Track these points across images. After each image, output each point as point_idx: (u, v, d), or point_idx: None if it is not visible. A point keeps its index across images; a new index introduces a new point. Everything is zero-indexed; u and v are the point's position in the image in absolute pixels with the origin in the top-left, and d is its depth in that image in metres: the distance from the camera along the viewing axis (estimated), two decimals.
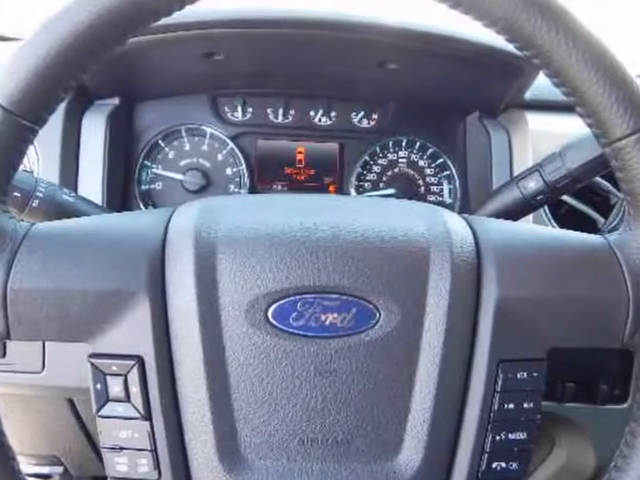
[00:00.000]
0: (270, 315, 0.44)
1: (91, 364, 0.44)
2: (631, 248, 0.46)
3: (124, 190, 0.85)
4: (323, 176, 0.90)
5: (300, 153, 0.89)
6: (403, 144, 0.90)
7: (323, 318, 0.44)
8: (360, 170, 0.90)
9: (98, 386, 0.44)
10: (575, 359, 0.55)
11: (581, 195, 0.78)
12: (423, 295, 0.44)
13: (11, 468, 0.43)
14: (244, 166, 0.88)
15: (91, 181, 0.77)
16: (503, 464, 0.46)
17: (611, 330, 0.46)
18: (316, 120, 0.89)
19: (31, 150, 0.74)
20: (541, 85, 0.77)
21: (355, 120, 0.90)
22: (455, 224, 0.48)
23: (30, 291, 0.42)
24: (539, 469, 0.80)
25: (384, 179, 0.90)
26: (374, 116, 0.90)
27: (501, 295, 0.45)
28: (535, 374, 0.46)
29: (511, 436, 0.46)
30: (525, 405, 0.46)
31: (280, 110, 0.89)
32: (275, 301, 0.44)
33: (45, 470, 0.79)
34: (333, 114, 0.89)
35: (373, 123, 0.90)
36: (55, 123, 0.74)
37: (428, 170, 0.90)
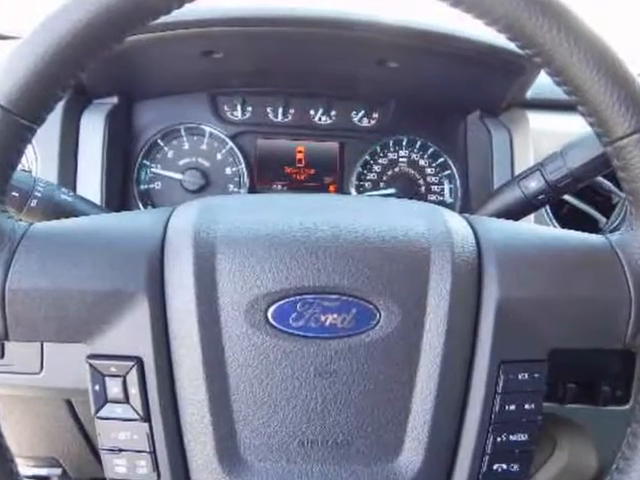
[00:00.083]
0: (270, 316, 0.44)
1: (90, 365, 0.44)
2: (633, 248, 0.46)
3: (123, 190, 0.85)
4: (323, 176, 0.90)
5: (300, 152, 0.89)
6: (404, 143, 0.90)
7: (323, 319, 0.44)
8: (360, 169, 0.89)
9: (97, 387, 0.44)
10: (577, 360, 0.54)
11: (583, 195, 0.77)
12: (424, 295, 0.44)
13: (9, 470, 0.43)
14: (243, 165, 0.88)
15: (90, 181, 0.77)
16: (504, 466, 0.46)
17: (613, 331, 0.46)
18: (316, 119, 0.89)
19: (29, 149, 0.74)
20: (542, 84, 0.77)
21: (355, 119, 0.90)
22: (456, 224, 0.48)
23: (28, 291, 0.41)
24: (540, 471, 0.80)
25: (384, 178, 0.90)
26: (374, 115, 0.90)
27: (502, 295, 0.45)
28: (536, 375, 0.45)
29: (512, 437, 0.46)
30: (526, 406, 0.46)
31: (280, 109, 0.88)
32: (275, 301, 0.43)
33: (43, 472, 0.79)
34: (333, 113, 0.89)
35: (373, 122, 0.90)
36: (53, 122, 0.74)
37: (429, 169, 0.90)
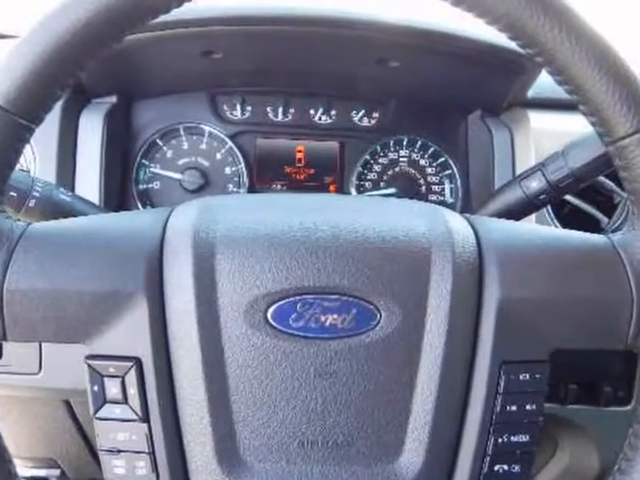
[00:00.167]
0: (269, 316, 0.43)
1: (88, 366, 0.44)
2: (635, 248, 0.46)
3: (122, 189, 0.85)
4: (323, 175, 0.90)
5: (300, 152, 0.89)
6: (404, 143, 0.90)
7: (323, 319, 0.43)
8: (361, 169, 0.89)
9: (95, 388, 0.44)
10: (578, 360, 0.54)
11: (584, 194, 0.77)
12: (424, 296, 0.44)
13: (7, 471, 0.43)
14: (243, 165, 0.87)
15: (88, 180, 0.77)
16: (505, 467, 0.46)
17: (615, 331, 0.46)
18: (316, 119, 0.89)
19: (28, 149, 0.73)
20: (544, 83, 0.77)
21: (355, 119, 0.89)
22: (457, 224, 0.48)
23: (26, 292, 0.41)
24: (542, 472, 0.80)
25: (385, 178, 0.90)
26: (375, 114, 0.89)
27: (503, 296, 0.45)
28: (538, 376, 0.45)
29: (513, 438, 0.46)
30: (528, 407, 0.45)
31: (280, 108, 0.88)
32: (274, 302, 0.43)
33: (42, 473, 0.79)
34: (333, 112, 0.89)
35: (374, 122, 0.90)
36: (52, 122, 0.73)
37: (429, 169, 0.90)
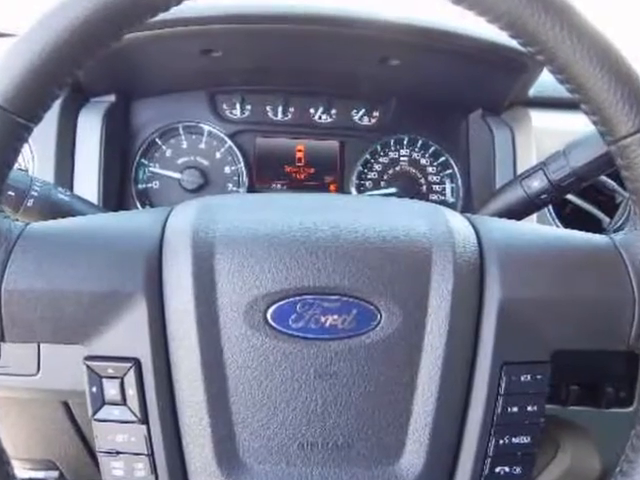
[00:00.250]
0: (269, 316, 0.43)
1: (87, 366, 0.43)
2: (637, 248, 0.46)
3: (120, 189, 0.85)
4: (323, 175, 0.89)
5: (300, 151, 0.89)
6: (405, 142, 0.89)
7: (323, 320, 0.43)
8: (361, 169, 0.89)
9: (94, 389, 0.44)
10: (580, 361, 0.54)
11: (586, 194, 0.77)
12: (425, 296, 0.44)
13: (6, 473, 0.43)
14: (243, 164, 0.87)
15: (87, 180, 0.76)
16: (506, 468, 0.46)
17: (616, 332, 0.45)
18: (316, 118, 0.89)
19: (26, 148, 0.73)
20: (545, 82, 0.77)
21: (356, 118, 0.89)
22: (457, 224, 0.48)
23: (24, 292, 0.41)
24: (543, 473, 0.79)
25: (385, 178, 0.89)
26: (375, 114, 0.89)
27: (504, 296, 0.44)
28: (539, 377, 0.45)
29: (515, 440, 0.46)
30: (529, 408, 0.45)
31: (279, 107, 0.88)
32: (274, 302, 0.43)
33: (40, 475, 0.78)
34: (333, 111, 0.89)
35: (374, 121, 0.89)
36: (50, 121, 0.73)
37: (430, 169, 0.90)
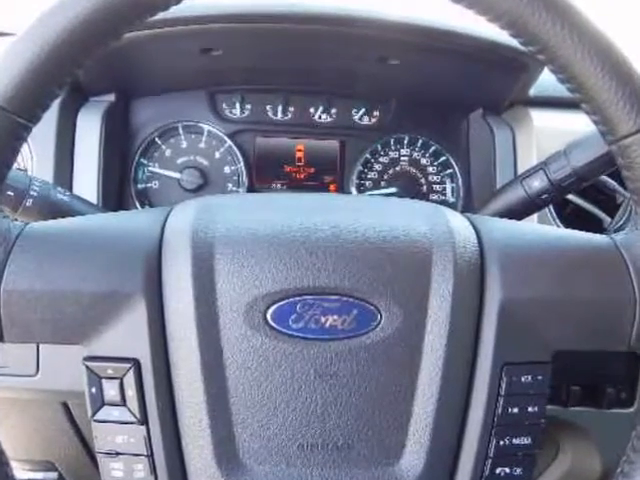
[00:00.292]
0: (269, 317, 0.43)
1: (86, 367, 0.43)
2: (638, 248, 0.46)
3: (120, 189, 0.84)
4: (323, 174, 0.89)
5: (300, 151, 0.89)
6: (405, 142, 0.89)
7: (323, 320, 0.43)
8: (361, 168, 0.89)
9: (93, 390, 0.43)
10: (580, 362, 0.54)
11: (587, 194, 0.77)
12: (425, 296, 0.44)
13: (5, 474, 0.42)
14: (242, 164, 0.87)
15: (86, 180, 0.76)
16: (507, 469, 0.46)
17: (617, 332, 0.45)
18: (316, 117, 0.89)
19: (25, 148, 0.73)
20: (546, 81, 0.77)
21: (356, 117, 0.89)
22: (458, 224, 0.47)
23: (24, 292, 0.41)
24: (544, 474, 0.79)
25: (385, 177, 0.89)
26: (375, 113, 0.89)
27: (505, 296, 0.44)
28: (540, 377, 0.45)
29: (515, 441, 0.45)
30: (529, 409, 0.45)
31: (279, 107, 0.88)
32: (274, 302, 0.43)
33: (39, 476, 0.78)
34: (333, 111, 0.89)
35: (374, 120, 0.89)
36: (49, 120, 0.73)
37: (430, 168, 0.90)
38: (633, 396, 0.69)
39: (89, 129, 0.77)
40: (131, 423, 0.43)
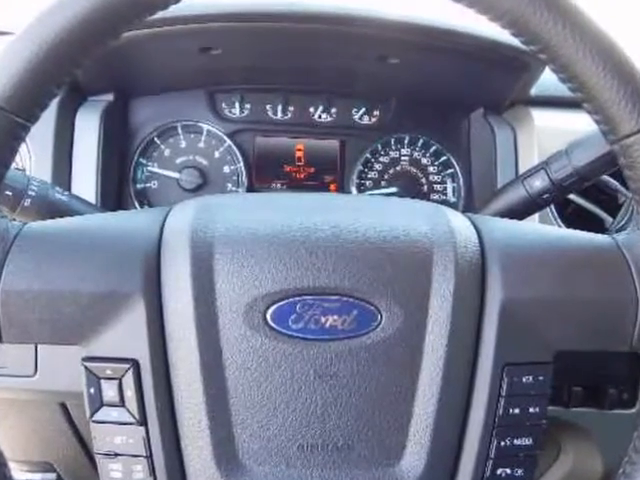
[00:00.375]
0: (269, 317, 0.43)
1: (85, 368, 0.43)
2: None
3: (119, 189, 0.84)
4: (323, 174, 0.89)
5: (299, 150, 0.88)
6: (405, 141, 0.89)
7: (323, 320, 0.43)
8: (361, 168, 0.89)
9: (92, 390, 0.43)
10: (582, 362, 0.54)
11: (588, 194, 0.77)
12: (426, 296, 0.44)
13: (3, 475, 0.42)
14: (242, 164, 0.87)
15: (85, 179, 0.76)
16: (508, 470, 0.46)
17: (619, 332, 0.45)
18: (316, 116, 0.88)
19: (23, 148, 0.73)
20: (547, 81, 0.77)
21: (356, 117, 0.89)
22: (459, 223, 0.47)
23: (22, 292, 0.41)
24: (545, 475, 0.79)
25: (386, 177, 0.89)
26: (375, 112, 0.89)
27: (506, 296, 0.44)
28: (541, 378, 0.45)
29: (516, 442, 0.45)
30: (531, 410, 0.45)
31: (279, 106, 0.87)
32: (274, 303, 0.43)
33: (37, 477, 0.78)
34: (333, 110, 0.88)
35: (374, 120, 0.89)
36: (48, 120, 0.73)
37: (431, 168, 0.89)
38: (635, 397, 0.69)
39: (88, 129, 0.77)
40: (130, 424, 0.43)
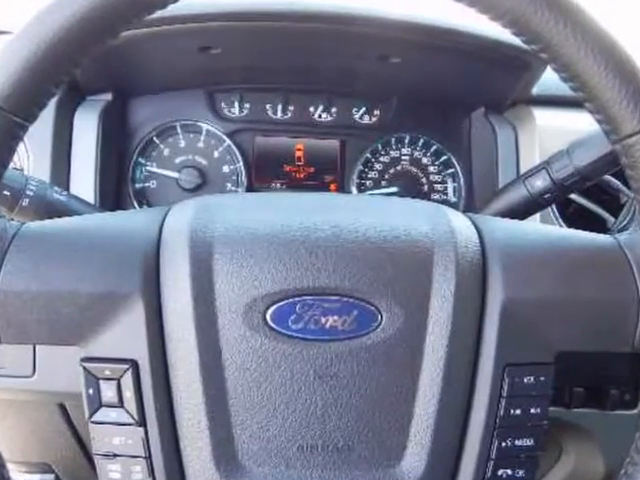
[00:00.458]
0: (268, 317, 0.43)
1: (83, 368, 0.43)
2: None
3: (117, 188, 0.84)
4: (323, 174, 0.89)
5: (299, 150, 0.88)
6: (406, 141, 0.89)
7: (323, 321, 0.43)
8: (361, 168, 0.88)
9: (90, 391, 0.43)
10: (584, 363, 0.54)
11: (590, 194, 0.77)
12: (427, 297, 0.44)
13: (1, 476, 0.42)
14: (241, 164, 0.87)
15: (83, 179, 0.76)
16: (509, 471, 0.46)
17: (621, 333, 0.45)
18: (316, 116, 0.88)
19: (21, 147, 0.73)
20: (548, 80, 0.77)
21: (356, 116, 0.89)
22: (459, 223, 0.47)
23: (20, 293, 0.41)
24: (547, 476, 0.79)
25: (386, 177, 0.89)
26: (376, 112, 0.89)
27: (507, 297, 0.44)
28: (542, 378, 0.45)
29: (517, 442, 0.45)
30: (532, 410, 0.45)
31: (279, 106, 0.87)
32: (274, 303, 0.43)
33: (36, 478, 0.78)
34: (334, 110, 0.88)
35: (375, 119, 0.89)
36: (46, 119, 0.73)
37: (432, 168, 0.89)
38: (637, 397, 0.69)
39: (86, 128, 0.77)
40: (129, 424, 0.43)
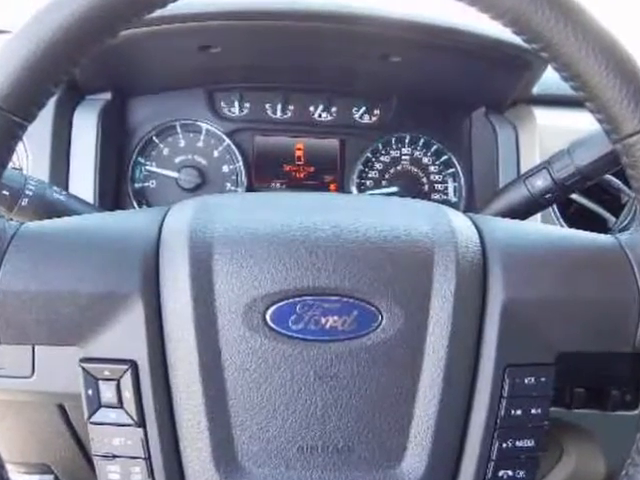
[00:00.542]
0: (268, 318, 0.43)
1: (82, 369, 0.43)
2: None
3: (117, 188, 0.84)
4: (323, 174, 0.89)
5: (299, 150, 0.88)
6: (406, 141, 0.89)
7: (323, 321, 0.43)
8: (362, 167, 0.88)
9: (90, 391, 0.43)
10: (584, 363, 0.53)
11: (591, 193, 0.77)
12: (427, 297, 0.44)
13: (0, 477, 0.42)
14: (241, 163, 0.86)
15: (82, 179, 0.76)
16: (510, 472, 0.45)
17: (622, 333, 0.45)
18: (316, 115, 0.88)
19: (20, 147, 0.72)
20: (549, 79, 0.76)
21: (356, 116, 0.88)
22: (460, 223, 0.47)
23: (19, 293, 0.41)
24: (547, 477, 0.79)
25: (387, 177, 0.89)
26: (376, 111, 0.88)
27: (508, 297, 0.44)
28: (543, 379, 0.45)
29: (518, 443, 0.45)
30: (533, 411, 0.45)
31: (279, 105, 0.87)
32: (273, 303, 0.43)
33: (35, 479, 0.78)
34: (334, 109, 0.88)
35: (375, 119, 0.89)
36: (45, 119, 0.72)
37: (432, 167, 0.89)
38: (638, 398, 0.69)
39: (85, 127, 0.76)
40: (128, 425, 0.43)
